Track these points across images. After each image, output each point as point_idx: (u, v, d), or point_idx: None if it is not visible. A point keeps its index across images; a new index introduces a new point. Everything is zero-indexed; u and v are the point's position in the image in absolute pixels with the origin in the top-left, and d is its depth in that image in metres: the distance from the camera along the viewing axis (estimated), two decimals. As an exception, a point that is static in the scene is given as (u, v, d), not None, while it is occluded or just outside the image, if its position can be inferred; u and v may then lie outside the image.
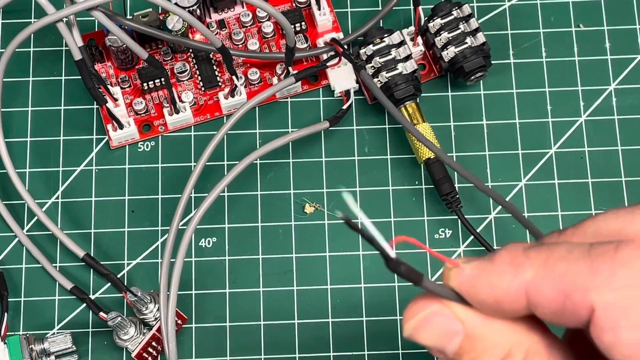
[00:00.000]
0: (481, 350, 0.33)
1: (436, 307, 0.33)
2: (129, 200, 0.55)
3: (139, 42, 0.56)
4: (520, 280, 0.32)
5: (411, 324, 0.34)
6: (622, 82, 0.57)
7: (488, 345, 0.33)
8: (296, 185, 0.55)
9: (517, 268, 0.32)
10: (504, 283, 0.32)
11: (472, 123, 0.56)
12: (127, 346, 0.51)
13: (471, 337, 0.33)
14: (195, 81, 0.56)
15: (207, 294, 0.53)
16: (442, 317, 0.33)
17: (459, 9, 0.55)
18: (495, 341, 0.33)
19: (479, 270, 0.33)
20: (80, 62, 0.50)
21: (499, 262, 0.32)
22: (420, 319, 0.34)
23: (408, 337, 0.34)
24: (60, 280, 0.53)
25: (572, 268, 0.31)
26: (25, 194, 0.53)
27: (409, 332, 0.34)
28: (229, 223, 0.54)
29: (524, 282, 0.32)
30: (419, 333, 0.34)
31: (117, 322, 0.49)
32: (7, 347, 0.50)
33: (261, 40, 0.57)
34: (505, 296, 0.32)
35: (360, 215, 0.31)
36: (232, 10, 0.58)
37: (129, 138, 0.56)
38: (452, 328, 0.33)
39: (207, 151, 0.52)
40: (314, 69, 0.55)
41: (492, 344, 0.33)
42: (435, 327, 0.33)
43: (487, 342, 0.33)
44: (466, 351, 0.33)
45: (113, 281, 0.52)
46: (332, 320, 0.53)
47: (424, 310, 0.34)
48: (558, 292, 0.31)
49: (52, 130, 0.56)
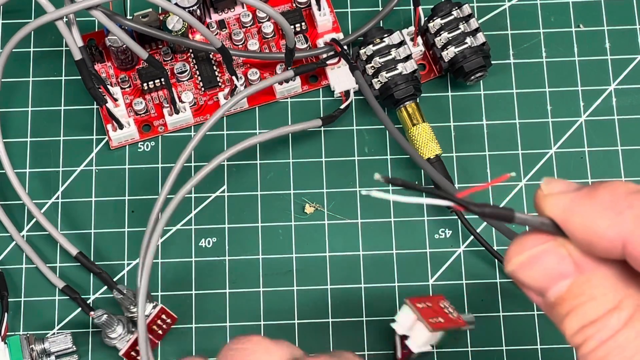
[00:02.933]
0: (589, 297, 0.31)
1: (550, 245, 0.31)
2: (129, 200, 0.55)
3: (139, 42, 0.56)
4: (619, 228, 0.29)
5: (518, 260, 0.31)
6: (622, 82, 0.57)
7: (598, 293, 0.31)
8: (296, 185, 0.55)
9: (618, 214, 0.30)
10: (601, 227, 0.30)
11: (472, 123, 0.56)
12: (115, 344, 0.50)
13: (582, 282, 0.31)
14: (195, 81, 0.56)
15: (207, 294, 0.53)
16: (556, 257, 0.31)
17: (458, 9, 0.55)
18: (607, 290, 0.31)
19: (575, 205, 0.30)
20: (80, 62, 0.50)
21: (599, 201, 0.30)
22: (531, 255, 0.31)
23: (510, 273, 0.32)
24: (52, 279, 0.53)
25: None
26: (22, 193, 0.53)
27: (513, 267, 0.31)
28: (229, 223, 0.54)
29: (623, 231, 0.29)
30: (524, 270, 0.31)
31: (104, 319, 0.49)
32: (8, 347, 0.50)
33: (261, 41, 0.57)
34: (599, 240, 0.30)
35: (402, 198, 0.30)
36: (232, 11, 0.58)
37: (128, 138, 0.56)
38: (564, 269, 0.31)
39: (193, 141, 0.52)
40: (313, 65, 0.55)
41: (602, 292, 0.30)
42: (545, 267, 0.31)
43: (598, 290, 0.31)
44: (572, 296, 0.31)
45: (105, 280, 0.52)
46: (332, 320, 0.53)
47: (536, 247, 0.31)
48: None
49: (52, 130, 0.56)
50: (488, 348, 0.52)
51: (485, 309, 0.53)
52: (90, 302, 0.53)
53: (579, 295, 0.31)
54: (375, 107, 0.53)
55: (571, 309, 0.31)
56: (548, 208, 0.31)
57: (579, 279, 0.31)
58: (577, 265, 0.31)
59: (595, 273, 0.31)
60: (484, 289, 0.53)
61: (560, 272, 0.31)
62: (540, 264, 0.31)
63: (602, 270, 0.31)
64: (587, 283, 0.31)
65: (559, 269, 0.31)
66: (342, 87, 0.56)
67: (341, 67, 0.56)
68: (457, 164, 0.56)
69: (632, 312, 0.30)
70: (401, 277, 0.54)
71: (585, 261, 0.31)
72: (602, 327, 0.30)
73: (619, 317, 0.30)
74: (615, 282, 0.31)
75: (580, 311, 0.31)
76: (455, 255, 0.54)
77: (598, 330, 0.30)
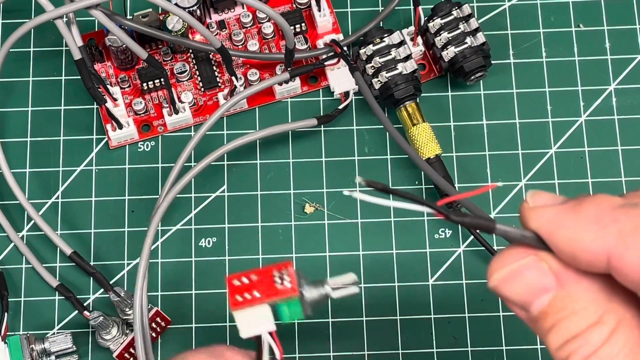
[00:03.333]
0: (571, 312, 0.30)
1: (530, 260, 0.31)
2: (129, 200, 0.55)
3: (138, 42, 0.56)
4: (604, 242, 0.29)
5: (499, 275, 0.31)
6: (622, 82, 0.57)
7: (580, 307, 0.30)
8: (296, 185, 0.55)
9: (603, 228, 0.30)
10: (586, 241, 0.30)
11: (472, 123, 0.56)
12: (109, 346, 0.50)
13: (564, 296, 0.30)
14: (195, 82, 0.56)
15: (207, 294, 0.53)
16: (537, 271, 0.31)
17: (458, 8, 0.55)
18: (588, 304, 0.30)
19: (560, 218, 0.30)
20: (79, 61, 0.50)
21: (584, 215, 0.30)
22: (511, 270, 0.31)
23: (492, 289, 0.32)
24: (47, 278, 0.53)
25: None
26: (19, 193, 0.53)
27: (495, 283, 0.31)
28: (229, 223, 0.54)
29: (607, 245, 0.29)
30: (506, 285, 0.31)
31: (99, 321, 0.49)
32: (8, 347, 0.50)
33: (261, 41, 0.57)
34: (584, 253, 0.30)
35: (386, 202, 0.30)
36: (232, 11, 0.57)
37: (128, 138, 0.55)
38: (545, 284, 0.31)
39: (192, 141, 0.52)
40: (311, 66, 0.55)
41: (584, 307, 0.30)
42: (526, 281, 0.31)
43: (579, 304, 0.30)
44: (554, 310, 0.31)
45: (99, 280, 0.52)
46: (332, 320, 0.53)
47: (516, 261, 0.31)
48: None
49: (52, 130, 0.56)
50: (488, 348, 0.52)
51: (485, 309, 0.53)
52: (90, 302, 0.53)
53: (560, 309, 0.31)
54: (375, 108, 0.53)
55: (554, 324, 0.31)
56: (533, 221, 0.31)
57: (560, 293, 0.31)
58: (559, 279, 0.31)
59: (577, 287, 0.31)
60: (484, 289, 0.53)
61: (542, 286, 0.31)
62: (521, 278, 0.31)
63: (583, 284, 0.31)
64: (568, 297, 0.31)
65: (541, 283, 0.31)
66: (341, 88, 0.56)
67: (341, 68, 0.56)
68: (457, 164, 0.56)
69: (614, 326, 0.30)
70: (401, 277, 0.54)
71: (566, 275, 0.31)
72: (585, 342, 0.30)
73: (600, 332, 0.30)
74: (597, 296, 0.31)
75: (563, 326, 0.31)
76: (455, 255, 0.54)
77: (581, 346, 0.30)
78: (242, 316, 0.36)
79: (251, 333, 0.36)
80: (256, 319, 0.36)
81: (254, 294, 0.36)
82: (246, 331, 0.36)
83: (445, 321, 0.53)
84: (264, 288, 0.36)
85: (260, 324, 0.36)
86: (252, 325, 0.36)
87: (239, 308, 0.36)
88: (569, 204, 0.31)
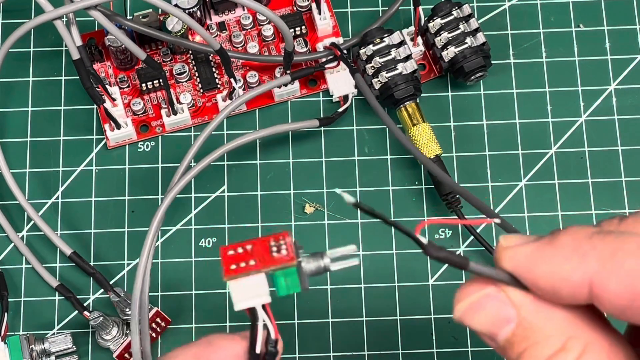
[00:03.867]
0: (534, 341, 0.31)
1: (490, 291, 0.31)
2: (129, 200, 0.55)
3: (139, 42, 0.56)
4: (585, 270, 0.30)
5: (462, 307, 0.32)
6: (622, 82, 0.57)
7: (543, 336, 0.31)
8: (296, 185, 0.55)
9: (582, 257, 0.30)
10: (566, 271, 0.30)
11: (472, 123, 0.56)
12: (109, 346, 0.51)
13: (525, 325, 0.31)
14: (194, 83, 0.56)
15: (207, 294, 0.53)
16: (496, 302, 0.31)
17: (459, 9, 0.55)
18: (551, 332, 0.31)
19: (538, 253, 0.31)
20: (78, 61, 0.50)
21: (561, 247, 0.30)
22: (472, 302, 0.31)
23: (458, 320, 0.32)
24: (47, 278, 0.53)
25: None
26: (18, 193, 0.53)
27: (459, 315, 0.32)
28: (229, 223, 0.54)
29: (588, 273, 0.30)
30: (469, 317, 0.32)
31: (99, 322, 0.49)
32: (8, 347, 0.50)
33: (261, 43, 0.57)
34: (565, 285, 0.30)
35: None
36: (233, 13, 0.57)
37: (126, 138, 0.55)
38: (505, 314, 0.31)
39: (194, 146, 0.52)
40: (311, 69, 0.55)
41: (547, 335, 0.31)
42: (488, 312, 0.31)
43: (542, 333, 0.31)
44: (518, 340, 0.31)
45: (99, 280, 0.52)
46: (332, 321, 0.53)
47: (476, 293, 0.31)
48: (626, 289, 0.29)
49: (51, 130, 0.56)
50: (488, 348, 0.52)
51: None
52: (90, 303, 0.53)
53: (524, 338, 0.31)
54: (376, 109, 0.52)
55: (520, 352, 0.31)
56: (509, 260, 0.31)
57: (522, 323, 0.31)
58: (521, 308, 0.31)
59: (542, 315, 0.31)
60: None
61: (503, 317, 0.31)
62: (483, 309, 0.31)
63: (544, 313, 0.31)
64: (529, 327, 0.31)
65: (502, 314, 0.31)
66: (340, 92, 0.56)
67: (340, 71, 0.56)
68: (457, 164, 0.56)
69: (580, 351, 0.30)
70: (401, 277, 0.54)
71: (529, 303, 0.31)
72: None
73: (565, 358, 0.30)
74: (561, 324, 0.31)
75: (528, 355, 0.31)
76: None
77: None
78: (237, 286, 0.34)
79: (246, 305, 0.34)
80: (251, 290, 0.34)
81: (249, 263, 0.34)
82: (240, 303, 0.34)
83: (445, 321, 0.53)
84: (260, 257, 0.35)
85: (256, 294, 0.34)
86: (247, 296, 0.34)
87: (233, 276, 0.34)
88: (545, 240, 0.31)
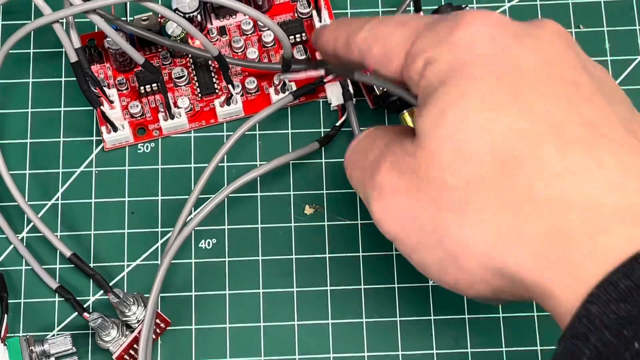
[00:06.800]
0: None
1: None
2: (129, 201, 0.55)
3: (139, 44, 0.56)
4: (354, 39, 0.43)
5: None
6: (622, 82, 0.57)
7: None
8: (296, 187, 0.55)
9: (352, 33, 0.43)
10: (340, 40, 0.44)
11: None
12: (109, 347, 0.51)
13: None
14: (192, 87, 0.56)
15: (206, 295, 0.53)
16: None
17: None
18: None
19: (321, 30, 0.47)
20: (75, 64, 0.50)
21: (334, 26, 0.46)
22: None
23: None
24: (46, 280, 0.53)
25: (404, 28, 0.41)
26: (17, 194, 0.53)
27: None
28: (229, 224, 0.54)
29: (356, 42, 0.43)
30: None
31: (99, 323, 0.49)
32: (7, 348, 0.50)
33: (261, 49, 0.57)
34: (341, 49, 0.45)
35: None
36: (234, 18, 0.57)
37: (123, 141, 0.55)
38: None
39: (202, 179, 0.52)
40: (312, 85, 0.55)
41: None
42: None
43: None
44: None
45: (98, 281, 0.52)
46: (331, 322, 0.53)
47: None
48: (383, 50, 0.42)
49: (51, 131, 0.56)
50: (488, 349, 0.52)
51: (485, 309, 0.53)
52: (90, 304, 0.53)
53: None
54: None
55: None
56: (312, 36, 0.49)
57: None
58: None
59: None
60: (484, 290, 0.53)
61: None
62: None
63: None
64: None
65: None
66: (339, 101, 0.56)
67: (339, 79, 0.56)
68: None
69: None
70: (401, 278, 0.54)
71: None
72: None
73: None
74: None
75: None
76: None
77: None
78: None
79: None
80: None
81: None
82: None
83: (445, 322, 0.53)
84: None
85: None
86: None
87: None
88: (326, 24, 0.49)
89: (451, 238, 0.37)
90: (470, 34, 0.38)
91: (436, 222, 0.38)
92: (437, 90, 0.38)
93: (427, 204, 0.38)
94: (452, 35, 0.38)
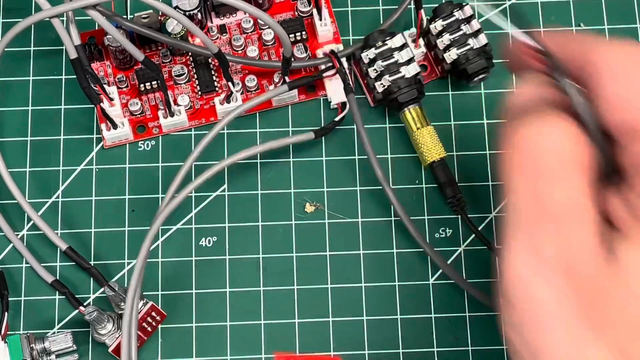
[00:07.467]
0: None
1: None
2: (129, 199, 0.55)
3: (139, 42, 0.56)
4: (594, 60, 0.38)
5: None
6: (622, 81, 0.57)
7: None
8: (297, 185, 0.55)
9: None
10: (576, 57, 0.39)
11: (472, 123, 0.56)
12: (105, 341, 0.51)
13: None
14: (192, 85, 0.56)
15: (207, 293, 0.53)
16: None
17: (460, 10, 0.55)
18: None
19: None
20: (75, 60, 0.50)
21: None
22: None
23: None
24: (42, 274, 0.53)
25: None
26: (15, 191, 0.53)
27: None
28: (229, 222, 0.54)
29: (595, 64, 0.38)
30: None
31: (94, 316, 0.49)
32: (8, 346, 0.49)
33: (261, 48, 0.57)
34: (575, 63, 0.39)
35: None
36: (234, 16, 0.57)
37: (122, 138, 0.55)
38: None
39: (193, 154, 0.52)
40: (309, 78, 0.55)
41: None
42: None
43: None
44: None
45: (94, 275, 0.52)
46: (332, 320, 0.53)
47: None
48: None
49: (52, 129, 0.56)
50: (488, 347, 0.52)
51: (485, 309, 0.53)
52: (90, 301, 0.53)
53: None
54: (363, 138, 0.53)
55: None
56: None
57: None
58: None
59: None
60: (485, 288, 0.53)
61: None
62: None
63: None
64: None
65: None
66: (338, 99, 0.56)
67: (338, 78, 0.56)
68: (457, 164, 0.56)
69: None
70: (401, 277, 0.54)
71: None
72: None
73: None
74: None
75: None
76: (456, 254, 0.54)
77: None
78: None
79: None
80: None
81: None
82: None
83: (445, 320, 0.53)
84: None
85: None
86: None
87: None
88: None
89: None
90: None
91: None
92: None
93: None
94: None
